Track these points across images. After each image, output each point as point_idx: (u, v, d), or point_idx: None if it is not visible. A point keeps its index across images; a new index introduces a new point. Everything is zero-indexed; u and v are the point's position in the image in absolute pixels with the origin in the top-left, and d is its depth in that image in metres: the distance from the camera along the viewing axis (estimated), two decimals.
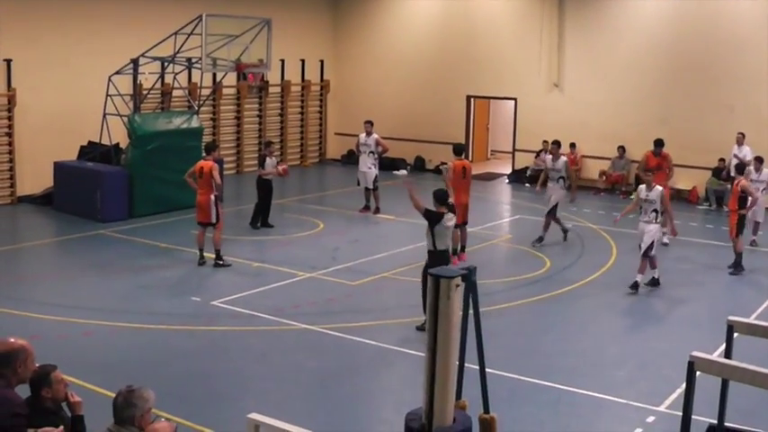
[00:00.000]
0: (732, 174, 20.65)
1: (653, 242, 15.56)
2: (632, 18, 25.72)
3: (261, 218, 20.27)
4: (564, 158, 19.82)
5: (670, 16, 25.07)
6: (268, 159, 20.18)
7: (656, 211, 15.61)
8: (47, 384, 6.51)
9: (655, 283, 15.81)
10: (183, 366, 11.79)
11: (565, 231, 19.70)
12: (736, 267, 17.02)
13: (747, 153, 22.30)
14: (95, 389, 10.40)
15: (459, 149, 18.08)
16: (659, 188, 15.83)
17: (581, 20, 26.67)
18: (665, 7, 25.16)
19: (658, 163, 19.59)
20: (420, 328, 12.96)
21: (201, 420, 9.76)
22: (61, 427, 6.41)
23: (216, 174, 16.82)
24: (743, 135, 22.86)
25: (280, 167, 15.56)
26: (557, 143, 20.21)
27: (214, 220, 16.89)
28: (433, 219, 12.80)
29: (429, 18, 29.77)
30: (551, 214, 19.44)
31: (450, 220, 12.97)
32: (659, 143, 19.94)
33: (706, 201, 23.92)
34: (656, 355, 12.55)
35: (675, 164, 24.11)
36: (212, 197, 16.82)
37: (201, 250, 17.03)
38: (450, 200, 14.19)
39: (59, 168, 21.90)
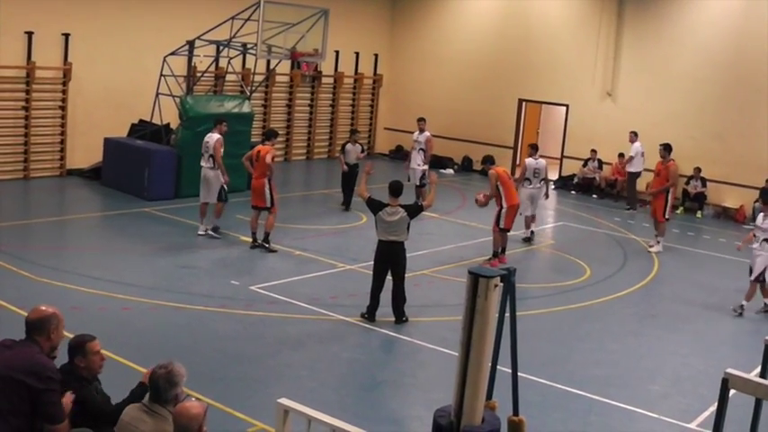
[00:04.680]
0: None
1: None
2: (691, 31, 25.44)
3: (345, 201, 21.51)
4: (427, 133, 22.30)
5: (729, 31, 24.73)
6: (349, 146, 21.55)
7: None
8: (80, 354, 6.62)
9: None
10: (217, 348, 11.84)
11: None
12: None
13: (638, 149, 24.59)
14: (130, 364, 10.51)
15: (493, 159, 18.34)
16: None
17: (639, 30, 26.45)
18: (725, 22, 24.83)
19: (659, 170, 19.80)
20: (363, 315, 13.41)
21: (232, 403, 9.81)
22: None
23: (269, 156, 16.88)
24: (635, 134, 24.65)
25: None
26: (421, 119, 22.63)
27: (268, 204, 16.99)
28: (371, 208, 13.34)
29: (486, 19, 29.68)
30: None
31: (391, 215, 13.11)
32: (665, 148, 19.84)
33: (753, 220, 23.58)
34: (692, 372, 12.44)
35: (724, 181, 23.96)
36: (266, 181, 16.91)
37: (254, 234, 17.14)
38: (424, 202, 14.49)
39: (109, 144, 22.11)
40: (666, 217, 19.58)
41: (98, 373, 6.78)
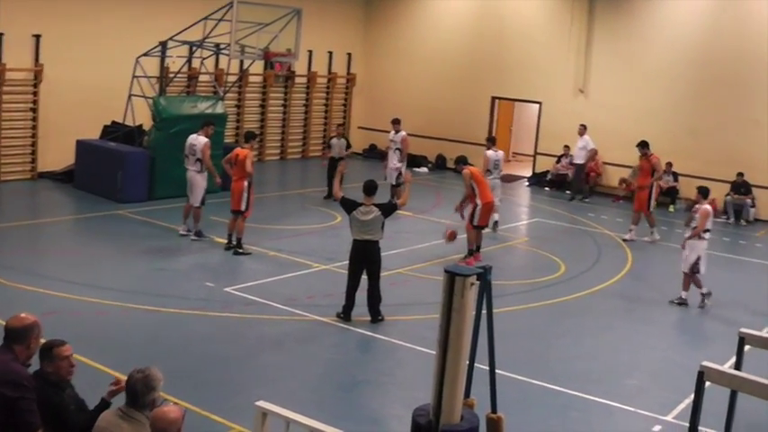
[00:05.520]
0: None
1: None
2: (662, 27, 25.56)
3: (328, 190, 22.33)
4: (403, 133, 22.59)
5: (700, 27, 24.87)
6: (334, 140, 22.93)
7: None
8: (48, 358, 6.52)
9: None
10: (194, 351, 11.79)
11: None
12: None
13: (588, 143, 25.60)
14: (105, 369, 10.43)
15: (466, 159, 19.02)
16: None
17: (610, 27, 26.55)
18: (696, 18, 24.98)
19: (642, 165, 20.81)
20: (339, 315, 13.41)
21: (210, 407, 9.74)
22: None
23: (249, 162, 16.79)
24: (584, 126, 25.56)
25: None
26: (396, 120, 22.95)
27: (244, 208, 16.90)
28: (345, 207, 13.34)
29: (459, 18, 29.72)
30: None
31: (365, 214, 13.12)
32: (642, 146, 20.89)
33: (724, 213, 23.78)
34: (668, 365, 12.52)
35: (696, 175, 24.04)
36: (245, 184, 16.82)
37: (230, 235, 17.07)
38: (398, 201, 14.49)
39: (82, 146, 21.97)
40: (651, 209, 20.47)
41: (67, 379, 6.68)
